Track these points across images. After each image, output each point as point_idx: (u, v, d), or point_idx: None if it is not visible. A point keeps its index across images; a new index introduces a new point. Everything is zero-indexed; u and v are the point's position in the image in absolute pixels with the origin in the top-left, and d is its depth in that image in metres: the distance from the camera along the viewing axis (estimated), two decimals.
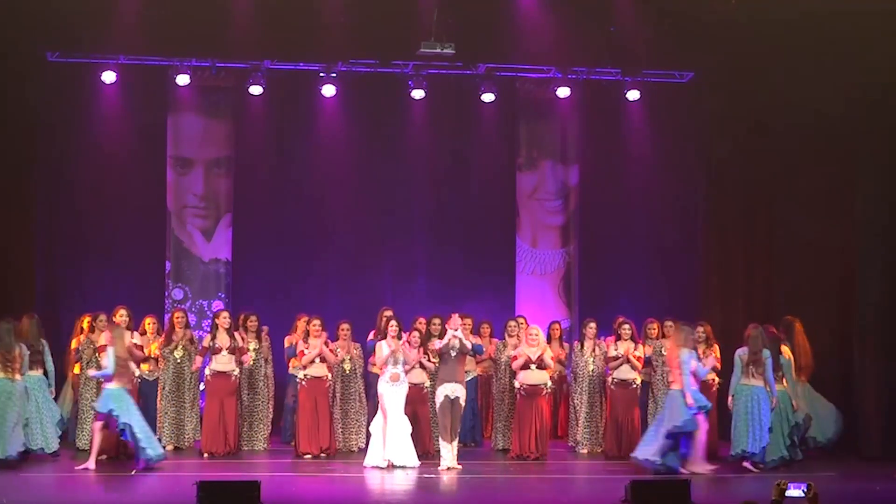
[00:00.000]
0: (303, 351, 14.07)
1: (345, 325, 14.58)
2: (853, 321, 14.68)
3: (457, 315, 13.75)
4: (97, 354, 13.94)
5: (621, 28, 16.19)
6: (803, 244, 15.57)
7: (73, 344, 14.62)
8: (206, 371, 14.21)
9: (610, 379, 14.43)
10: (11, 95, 15.53)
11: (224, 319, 14.24)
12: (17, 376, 13.15)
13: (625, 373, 14.36)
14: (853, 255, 14.83)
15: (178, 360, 14.52)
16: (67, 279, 16.77)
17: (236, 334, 14.28)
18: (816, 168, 15.49)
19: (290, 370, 14.66)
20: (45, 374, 13.87)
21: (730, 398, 13.54)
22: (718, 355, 14.53)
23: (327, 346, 14.12)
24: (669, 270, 17.61)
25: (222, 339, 14.13)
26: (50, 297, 16.25)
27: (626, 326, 14.48)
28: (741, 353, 13.54)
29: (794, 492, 7.98)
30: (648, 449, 13.06)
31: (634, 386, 14.43)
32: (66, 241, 16.84)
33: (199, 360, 14.41)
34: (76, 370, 14.61)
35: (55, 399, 14.11)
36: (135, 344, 13.84)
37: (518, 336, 14.85)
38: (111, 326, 13.48)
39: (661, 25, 16.08)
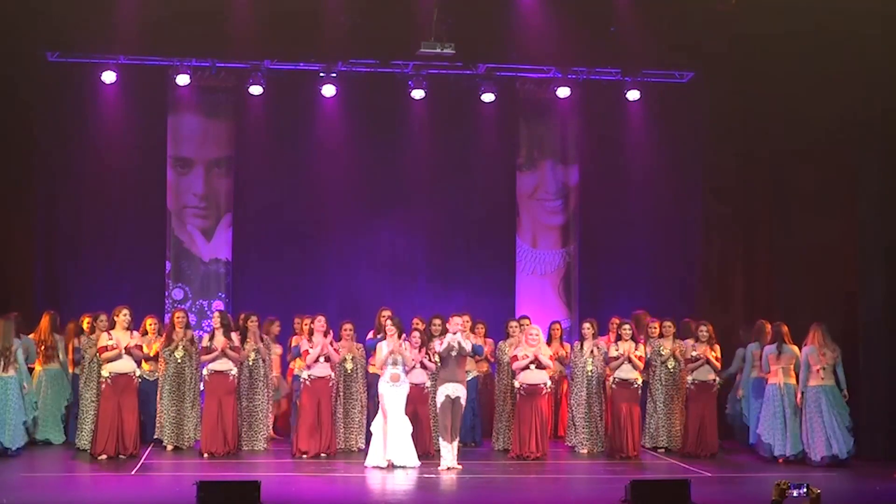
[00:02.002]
0: (307, 350, 14.06)
1: (347, 325, 14.56)
2: (854, 321, 14.67)
3: (457, 317, 13.76)
4: (98, 355, 13.97)
5: (621, 28, 16.18)
6: (803, 244, 15.56)
7: (73, 344, 14.64)
8: (205, 371, 14.16)
9: (611, 379, 14.42)
10: (11, 95, 15.54)
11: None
12: None
13: (626, 372, 14.35)
14: (854, 255, 14.81)
15: (179, 361, 14.50)
16: (67, 279, 16.77)
17: (233, 335, 14.18)
18: (816, 168, 15.47)
19: (296, 370, 14.63)
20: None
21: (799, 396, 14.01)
22: (719, 355, 14.55)
23: (332, 346, 14.11)
24: (669, 270, 17.61)
25: (219, 340, 14.06)
26: (50, 297, 16.24)
27: (627, 326, 14.47)
28: (808, 351, 13.91)
29: (794, 492, 7.99)
30: (845, 446, 13.72)
31: (635, 386, 14.41)
32: (66, 241, 16.84)
33: (205, 358, 14.18)
34: (76, 370, 14.67)
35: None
36: (135, 344, 13.84)
37: (517, 337, 14.83)
38: (3, 320, 13.75)
39: (661, 25, 16.07)
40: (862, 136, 14.77)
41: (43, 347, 14.56)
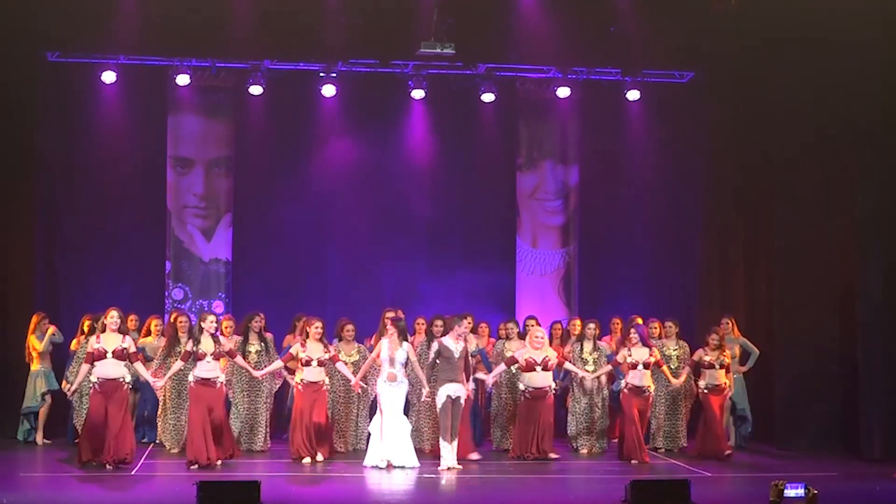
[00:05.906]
0: (290, 353, 13.88)
1: (349, 326, 14.50)
2: (854, 321, 14.67)
3: (463, 319, 13.71)
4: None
5: (621, 28, 16.19)
6: (803, 244, 15.54)
7: (73, 345, 14.62)
8: (189, 377, 13.29)
9: (623, 383, 14.20)
10: (11, 95, 15.54)
11: (210, 324, 13.24)
12: None
13: (639, 379, 14.10)
14: (854, 255, 14.81)
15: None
16: (67, 279, 16.76)
17: (222, 338, 13.54)
18: (816, 168, 15.45)
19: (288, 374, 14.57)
20: None
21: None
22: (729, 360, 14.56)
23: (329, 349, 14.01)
24: (669, 271, 17.62)
25: (206, 345, 13.26)
26: (50, 297, 16.24)
27: (633, 331, 14.29)
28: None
29: (792, 492, 8.00)
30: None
31: (647, 393, 14.15)
32: (66, 241, 16.83)
33: (178, 364, 13.37)
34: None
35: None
36: (124, 348, 12.93)
37: (515, 338, 14.80)
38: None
39: (661, 25, 16.07)
40: (862, 135, 14.76)
41: None
